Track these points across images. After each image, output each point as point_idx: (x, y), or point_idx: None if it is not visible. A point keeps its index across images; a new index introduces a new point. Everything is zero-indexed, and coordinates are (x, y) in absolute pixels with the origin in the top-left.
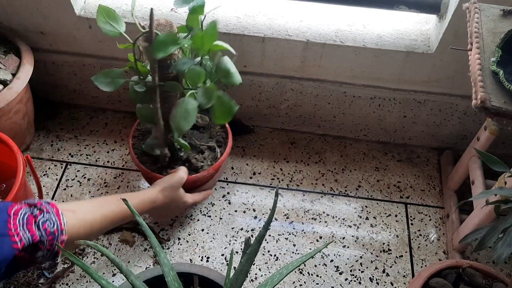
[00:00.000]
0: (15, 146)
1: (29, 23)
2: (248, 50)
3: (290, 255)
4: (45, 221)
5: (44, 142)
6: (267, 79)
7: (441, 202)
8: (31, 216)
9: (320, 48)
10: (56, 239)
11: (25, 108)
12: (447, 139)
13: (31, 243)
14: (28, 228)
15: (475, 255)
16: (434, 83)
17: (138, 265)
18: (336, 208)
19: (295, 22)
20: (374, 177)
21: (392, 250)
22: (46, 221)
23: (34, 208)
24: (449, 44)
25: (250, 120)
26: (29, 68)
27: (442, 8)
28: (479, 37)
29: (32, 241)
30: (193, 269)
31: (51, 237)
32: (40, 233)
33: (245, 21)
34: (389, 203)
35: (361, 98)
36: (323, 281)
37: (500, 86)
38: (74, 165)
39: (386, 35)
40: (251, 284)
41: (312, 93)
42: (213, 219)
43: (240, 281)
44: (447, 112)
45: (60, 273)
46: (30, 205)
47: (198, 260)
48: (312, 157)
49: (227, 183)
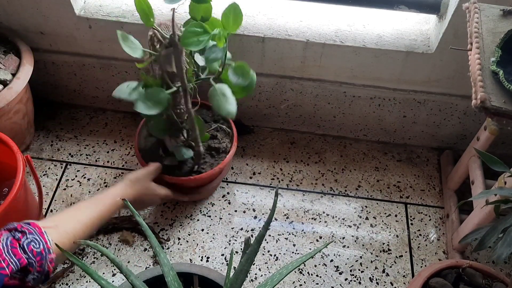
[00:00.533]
0: (15, 146)
1: (29, 23)
2: (248, 50)
3: (290, 255)
4: (30, 242)
5: (44, 142)
6: (267, 79)
7: (441, 202)
8: (14, 240)
9: (320, 48)
10: (44, 259)
11: (25, 108)
12: (447, 139)
13: (19, 268)
14: (14, 252)
15: (475, 255)
16: (434, 83)
17: (138, 265)
18: (336, 208)
19: (295, 22)
20: (374, 177)
21: (392, 250)
22: (31, 242)
23: (15, 232)
24: (449, 44)
25: (250, 120)
26: (29, 68)
27: (442, 8)
28: (479, 37)
29: (20, 265)
30: (193, 269)
31: (39, 258)
32: (27, 255)
33: (245, 21)
34: (389, 203)
35: (361, 98)
36: (323, 281)
37: (500, 86)
38: (74, 165)
39: (386, 35)
40: (251, 284)
41: (312, 93)
42: (213, 219)
43: (240, 281)
44: (447, 112)
45: (60, 273)
46: (10, 230)
47: (198, 260)
48: (312, 157)
49: (227, 183)
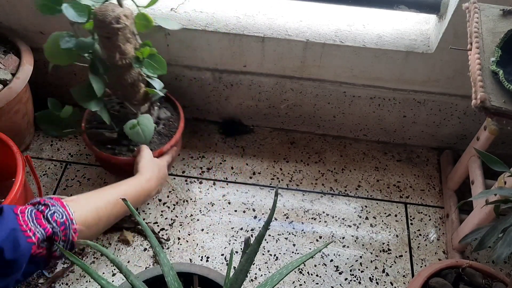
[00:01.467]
0: (15, 146)
1: (29, 23)
2: (248, 50)
3: (290, 255)
4: (53, 213)
5: (43, 142)
6: (267, 79)
7: (440, 202)
8: (37, 212)
9: (320, 48)
10: (68, 229)
11: (25, 108)
12: (447, 139)
13: (45, 237)
14: (39, 223)
15: (474, 255)
16: (434, 83)
17: (138, 265)
18: (336, 208)
19: (295, 22)
20: (374, 177)
21: (391, 250)
22: (54, 213)
23: (38, 205)
24: (449, 44)
25: (250, 120)
26: (29, 68)
27: (442, 8)
28: (479, 37)
29: (45, 234)
30: (193, 269)
31: (63, 227)
32: (51, 225)
33: (245, 21)
34: (388, 203)
35: (361, 98)
36: (323, 281)
37: (499, 86)
38: (74, 165)
39: (386, 35)
40: (251, 284)
41: (312, 93)
42: (213, 219)
43: (240, 281)
44: (447, 112)
45: (59, 273)
46: (33, 204)
47: (198, 260)
48: (312, 157)
49: (227, 183)
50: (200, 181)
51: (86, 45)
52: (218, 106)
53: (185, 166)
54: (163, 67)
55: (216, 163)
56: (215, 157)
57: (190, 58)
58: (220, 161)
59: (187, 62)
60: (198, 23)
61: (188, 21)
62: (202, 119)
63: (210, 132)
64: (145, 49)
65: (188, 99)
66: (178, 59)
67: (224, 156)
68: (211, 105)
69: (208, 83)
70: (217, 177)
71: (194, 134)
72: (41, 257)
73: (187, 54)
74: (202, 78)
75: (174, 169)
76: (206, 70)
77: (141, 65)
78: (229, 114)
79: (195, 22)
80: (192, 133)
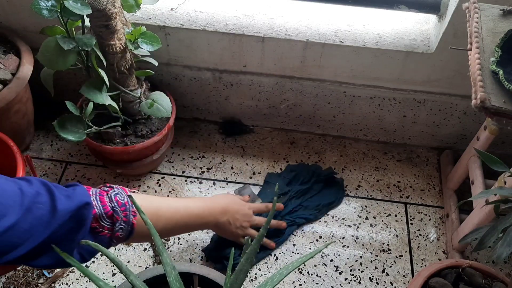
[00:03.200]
0: (15, 146)
1: (28, 22)
2: (248, 50)
3: (290, 255)
4: (116, 194)
5: (43, 142)
6: (267, 79)
7: (440, 202)
8: (102, 191)
9: (319, 48)
10: (128, 210)
11: (25, 108)
12: (446, 139)
13: (104, 214)
14: (100, 199)
15: (474, 255)
16: (433, 83)
17: (138, 265)
18: (336, 207)
19: (295, 22)
20: (374, 177)
21: (391, 250)
22: (117, 195)
23: (103, 187)
24: (449, 44)
25: (250, 120)
26: (29, 68)
27: (442, 8)
28: (479, 37)
29: (103, 212)
30: (193, 269)
31: (124, 208)
32: (112, 204)
33: (244, 21)
34: (388, 203)
35: (361, 98)
36: (323, 281)
37: (499, 85)
38: (74, 165)
39: (386, 35)
40: (251, 284)
41: (312, 93)
42: None
43: (240, 281)
44: (447, 112)
45: (59, 273)
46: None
47: (198, 260)
48: (312, 157)
49: (227, 183)
50: (200, 181)
51: (88, 40)
52: (218, 106)
53: (185, 166)
54: (157, 41)
55: (216, 163)
56: (215, 157)
57: (190, 58)
58: (220, 161)
59: (187, 62)
60: (198, 23)
61: (188, 21)
62: (202, 119)
63: (210, 132)
64: (137, 29)
65: (188, 99)
66: (178, 59)
67: (224, 156)
68: (211, 105)
69: (208, 83)
70: (217, 177)
71: (194, 134)
72: (104, 236)
73: (187, 54)
74: (202, 78)
75: (174, 169)
76: (206, 70)
77: (136, 45)
78: (229, 114)
79: (195, 22)
80: (192, 133)
